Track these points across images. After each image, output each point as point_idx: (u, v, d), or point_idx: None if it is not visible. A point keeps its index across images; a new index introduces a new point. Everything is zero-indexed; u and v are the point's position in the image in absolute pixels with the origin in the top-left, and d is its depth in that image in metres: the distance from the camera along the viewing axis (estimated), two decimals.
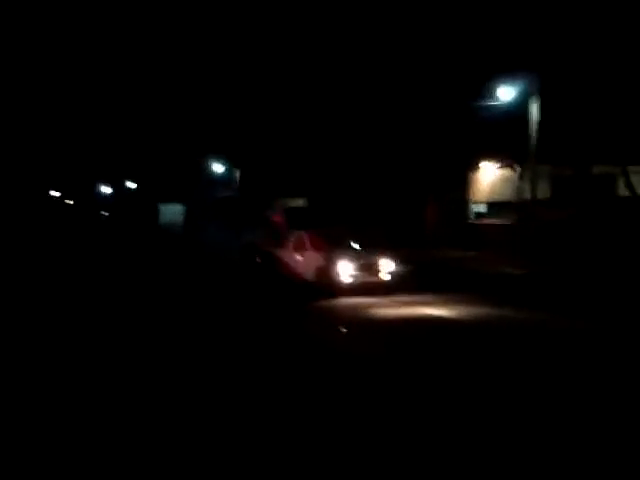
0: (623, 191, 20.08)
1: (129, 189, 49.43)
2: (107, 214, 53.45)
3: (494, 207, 25.03)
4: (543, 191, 21.26)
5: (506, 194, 23.58)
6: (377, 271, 14.09)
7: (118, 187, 51.92)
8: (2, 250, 22.95)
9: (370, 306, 12.23)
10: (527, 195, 19.97)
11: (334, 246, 14.49)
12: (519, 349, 8.59)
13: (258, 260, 16.21)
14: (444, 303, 12.34)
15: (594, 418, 5.80)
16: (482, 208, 26.15)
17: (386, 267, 14.20)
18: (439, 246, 24.10)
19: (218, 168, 35.79)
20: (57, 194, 61.94)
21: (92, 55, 39.46)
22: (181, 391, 6.66)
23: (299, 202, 35.26)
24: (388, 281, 14.15)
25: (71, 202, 63.68)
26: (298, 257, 14.69)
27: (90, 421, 5.72)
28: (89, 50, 38.93)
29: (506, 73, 18.92)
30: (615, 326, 10.20)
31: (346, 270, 13.65)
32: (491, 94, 19.41)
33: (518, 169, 22.88)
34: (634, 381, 6.98)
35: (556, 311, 11.43)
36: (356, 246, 14.95)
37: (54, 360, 7.97)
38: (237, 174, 34.59)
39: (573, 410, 6.03)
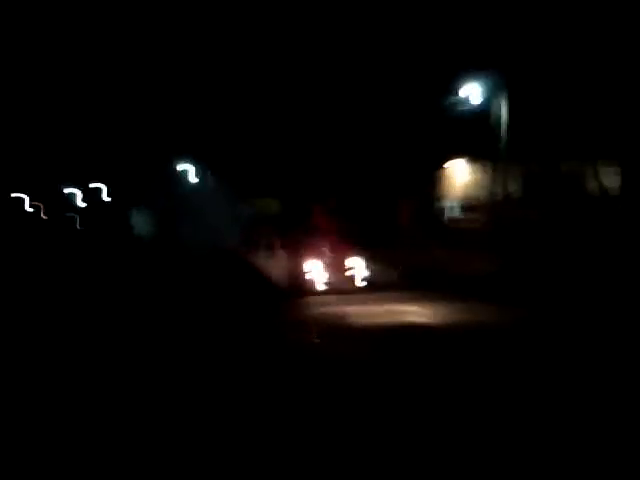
0: (593, 188, 20.21)
1: (97, 190, 48.55)
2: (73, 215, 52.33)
3: (466, 206, 25.08)
4: (514, 189, 21.29)
5: (477, 193, 23.64)
6: (351, 274, 14.00)
7: (86, 190, 51.01)
8: None
9: (345, 312, 12.02)
10: (499, 194, 20.00)
11: (307, 250, 14.34)
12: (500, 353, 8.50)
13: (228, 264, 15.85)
14: (414, 301, 12.24)
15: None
16: (454, 207, 26.20)
17: (357, 266, 14.09)
18: (411, 245, 24.04)
19: (189, 171, 35.39)
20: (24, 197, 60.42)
21: (62, 51, 38.76)
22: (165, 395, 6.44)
23: (272, 204, 35.02)
24: (361, 283, 14.07)
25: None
26: (270, 261, 14.48)
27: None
28: (59, 46, 38.22)
29: (474, 70, 18.92)
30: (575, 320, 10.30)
31: (319, 274, 13.52)
32: (460, 92, 19.40)
33: (489, 167, 22.92)
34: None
35: (533, 308, 11.57)
36: (327, 245, 14.81)
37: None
38: (209, 176, 34.22)
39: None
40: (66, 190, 55.57)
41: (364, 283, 14.19)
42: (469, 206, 24.58)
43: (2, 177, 50.70)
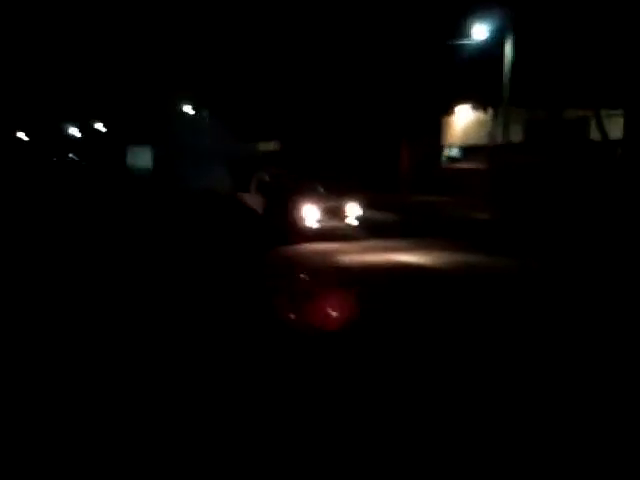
0: (596, 135, 19.84)
1: (97, 131, 48.13)
2: (75, 157, 51.93)
3: (468, 151, 24.72)
4: (517, 135, 20.95)
5: (480, 138, 23.24)
6: (343, 216, 13.75)
7: (86, 129, 50.53)
8: None
9: (336, 252, 11.89)
10: (501, 139, 19.68)
11: (299, 189, 14.11)
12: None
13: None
14: (413, 249, 12.05)
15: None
16: (456, 152, 25.83)
17: (353, 212, 13.87)
18: (412, 191, 23.81)
19: (187, 109, 34.84)
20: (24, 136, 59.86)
21: None
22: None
23: (270, 145, 34.61)
24: (355, 226, 13.84)
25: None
26: (262, 200, 14.26)
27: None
28: None
29: (479, 11, 18.30)
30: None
31: (311, 214, 13.28)
32: (464, 33, 18.82)
33: (491, 112, 22.50)
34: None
35: (527, 256, 11.33)
36: (322, 190, 14.60)
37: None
38: (206, 115, 33.70)
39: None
40: (63, 127, 54.99)
41: (360, 229, 13.99)
42: (470, 151, 24.24)
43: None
